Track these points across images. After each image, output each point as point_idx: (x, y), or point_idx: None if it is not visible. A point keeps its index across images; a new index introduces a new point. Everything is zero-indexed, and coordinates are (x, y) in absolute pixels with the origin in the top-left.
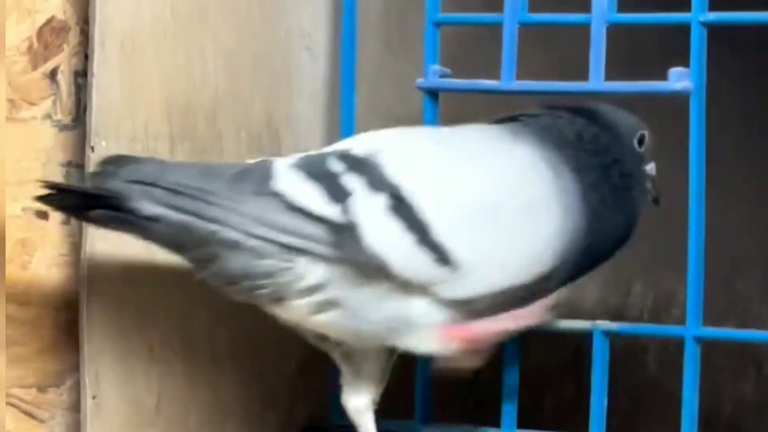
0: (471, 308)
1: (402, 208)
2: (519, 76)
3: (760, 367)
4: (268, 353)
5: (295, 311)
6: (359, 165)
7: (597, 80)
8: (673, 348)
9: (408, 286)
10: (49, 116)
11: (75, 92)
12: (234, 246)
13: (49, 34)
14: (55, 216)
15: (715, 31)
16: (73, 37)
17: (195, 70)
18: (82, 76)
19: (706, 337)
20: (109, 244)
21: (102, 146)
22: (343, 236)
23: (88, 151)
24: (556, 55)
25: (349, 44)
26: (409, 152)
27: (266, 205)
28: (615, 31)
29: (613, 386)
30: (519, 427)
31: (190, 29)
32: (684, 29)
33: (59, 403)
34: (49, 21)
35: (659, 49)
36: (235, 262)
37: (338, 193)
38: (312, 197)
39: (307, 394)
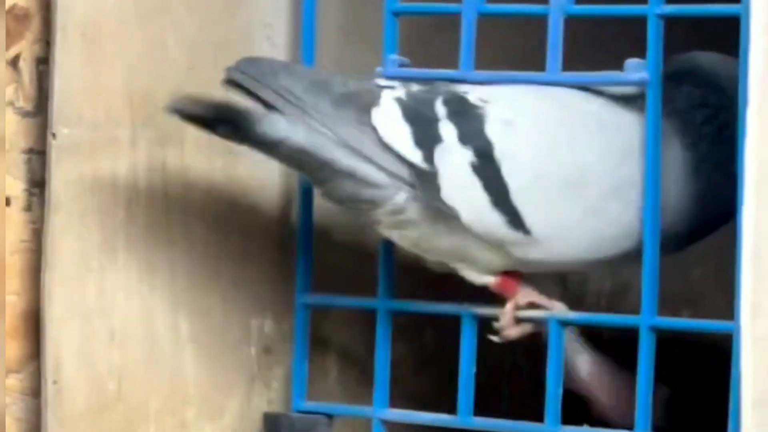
0: (539, 268)
1: (486, 166)
2: (477, 66)
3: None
4: (229, 339)
5: (383, 227)
6: (461, 113)
7: (554, 71)
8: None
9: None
10: (11, 103)
11: (37, 79)
12: (340, 173)
13: (11, 21)
14: (17, 202)
15: (671, 22)
16: (35, 24)
17: (156, 57)
18: (43, 64)
19: (661, 326)
20: (70, 230)
21: (63, 133)
22: (424, 181)
23: (49, 138)
24: (515, 45)
25: (308, 34)
26: (515, 111)
27: (363, 136)
28: (573, 23)
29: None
30: (475, 414)
31: (152, 17)
32: (641, 20)
33: (21, 388)
34: (12, 8)
35: (617, 40)
36: (342, 187)
37: (428, 139)
38: (401, 138)
39: (268, 380)
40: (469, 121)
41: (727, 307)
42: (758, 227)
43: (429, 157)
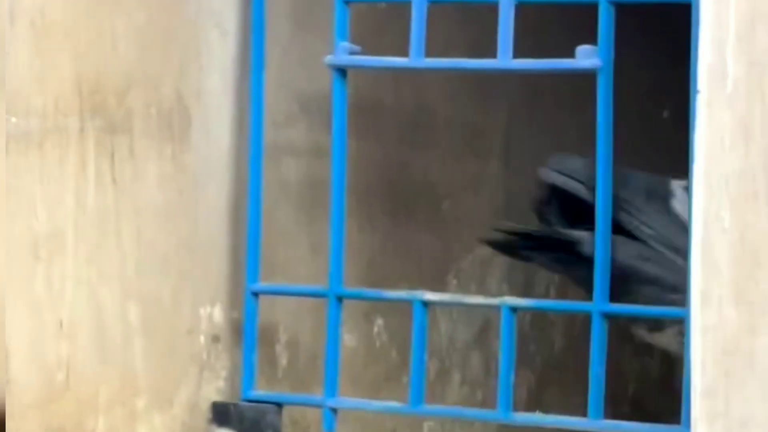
0: None
1: None
2: (428, 54)
3: None
4: (179, 328)
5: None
6: None
7: (505, 58)
8: (580, 323)
9: None
10: None
11: None
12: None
13: None
14: None
15: (622, 9)
16: None
17: (105, 46)
18: None
19: (613, 312)
20: (19, 219)
21: (12, 122)
22: None
23: None
24: (466, 33)
25: (258, 22)
26: None
27: (671, 224)
28: (523, 10)
29: (521, 361)
30: (426, 402)
31: (101, 6)
32: (592, 8)
33: None
34: None
35: (567, 27)
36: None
37: None
38: None
39: (217, 369)
40: None
41: None
42: (707, 217)
43: None
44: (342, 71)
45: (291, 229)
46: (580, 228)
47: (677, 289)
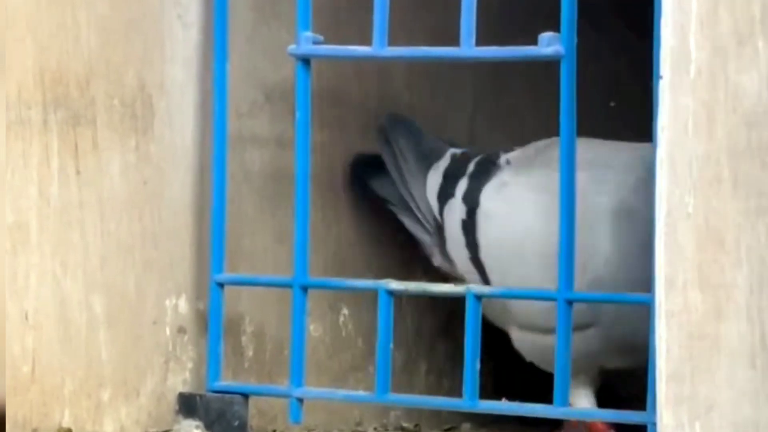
0: None
1: (469, 223)
2: (391, 43)
3: None
4: (144, 319)
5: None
6: (480, 172)
7: (468, 46)
8: None
9: None
10: None
11: None
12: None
13: None
14: None
15: None
16: None
17: (67, 37)
18: None
19: (577, 299)
20: None
21: None
22: (438, 232)
23: None
24: (429, 21)
25: (221, 12)
26: (521, 175)
27: (422, 187)
28: None
29: (486, 349)
30: (393, 391)
31: None
32: None
33: None
34: None
35: (528, 14)
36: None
37: (446, 193)
38: (432, 192)
39: (183, 360)
40: (478, 181)
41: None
42: (670, 202)
43: (441, 210)
44: (305, 61)
45: (255, 220)
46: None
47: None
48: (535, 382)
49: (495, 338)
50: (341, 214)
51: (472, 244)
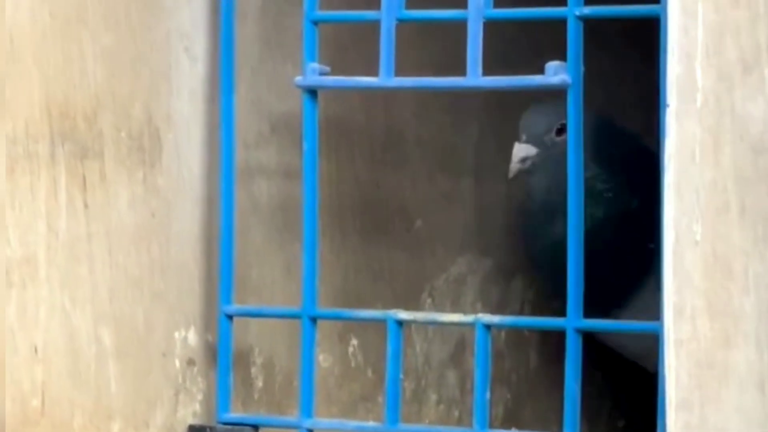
0: None
1: None
2: (397, 73)
3: None
4: (153, 351)
5: None
6: None
7: (475, 76)
8: (555, 340)
9: None
10: None
11: None
12: None
13: None
14: None
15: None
16: None
17: (74, 70)
18: None
19: (587, 328)
20: None
21: None
22: None
23: None
24: (434, 51)
25: (227, 44)
26: None
27: None
28: (490, 27)
29: (496, 378)
30: (403, 421)
31: (69, 29)
32: (554, 23)
33: None
34: None
35: (534, 43)
36: None
37: None
38: None
39: (193, 392)
40: None
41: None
42: (678, 230)
43: None
44: (312, 92)
45: (264, 251)
46: None
47: None
48: (546, 411)
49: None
50: (349, 244)
51: None
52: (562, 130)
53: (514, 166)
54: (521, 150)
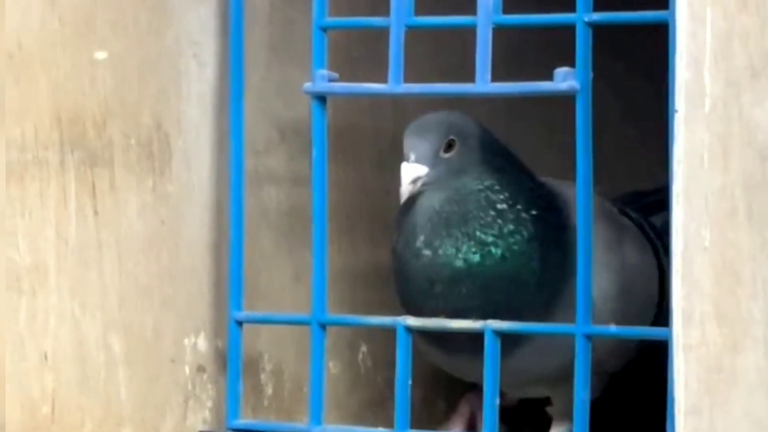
0: None
1: None
2: (406, 80)
3: None
4: (163, 358)
5: None
6: None
7: (483, 82)
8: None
9: None
10: None
11: None
12: None
13: None
14: None
15: (597, 30)
16: None
17: (83, 77)
18: None
19: (596, 334)
20: (1, 253)
21: None
22: None
23: None
24: (443, 57)
25: (236, 50)
26: None
27: None
28: (500, 33)
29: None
30: (412, 427)
31: (78, 37)
32: (564, 29)
33: None
34: None
35: (540, 49)
36: None
37: None
38: None
39: (202, 398)
40: None
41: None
42: (687, 236)
43: None
44: (321, 98)
45: (273, 257)
46: None
47: None
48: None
49: None
50: (358, 251)
51: None
52: (450, 146)
53: (405, 188)
54: (410, 171)
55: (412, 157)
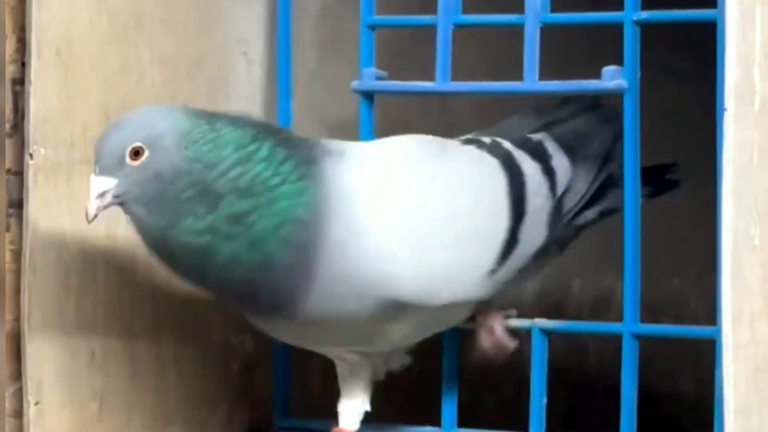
0: None
1: None
2: (454, 78)
3: (698, 363)
4: (211, 356)
5: None
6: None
7: (531, 80)
8: (612, 345)
9: None
10: None
11: (13, 100)
12: None
13: None
14: None
15: (647, 29)
16: (10, 44)
17: (132, 75)
18: (19, 84)
19: (644, 333)
20: (49, 250)
21: (41, 153)
22: None
23: (26, 158)
24: (491, 55)
25: (284, 49)
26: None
27: None
28: (547, 31)
29: (552, 384)
30: (459, 426)
31: (127, 35)
32: (615, 28)
33: (3, 410)
34: None
35: (590, 47)
36: None
37: None
38: None
39: (250, 397)
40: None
41: (707, 314)
42: (736, 235)
43: None
44: (369, 96)
45: None
46: None
47: None
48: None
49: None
50: None
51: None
52: (138, 153)
53: (93, 203)
54: (97, 184)
55: (96, 169)
